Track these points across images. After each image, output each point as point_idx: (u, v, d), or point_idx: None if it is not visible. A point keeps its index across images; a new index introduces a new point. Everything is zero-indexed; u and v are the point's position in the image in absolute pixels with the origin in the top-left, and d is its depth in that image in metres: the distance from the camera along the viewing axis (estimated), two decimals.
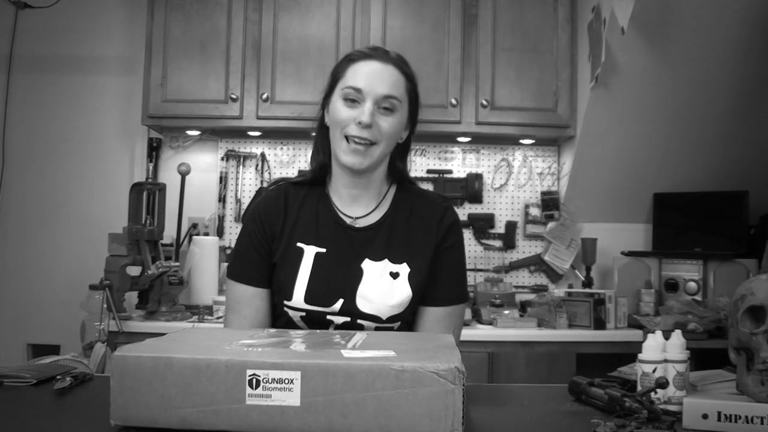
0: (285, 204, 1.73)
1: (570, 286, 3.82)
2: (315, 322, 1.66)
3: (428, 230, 1.72)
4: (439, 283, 1.72)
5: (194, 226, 3.86)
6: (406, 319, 1.69)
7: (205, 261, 3.54)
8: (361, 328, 1.65)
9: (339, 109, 1.65)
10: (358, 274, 1.67)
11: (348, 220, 1.72)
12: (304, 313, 1.66)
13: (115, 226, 3.35)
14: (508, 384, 2.83)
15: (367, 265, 1.67)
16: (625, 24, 2.95)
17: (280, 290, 1.68)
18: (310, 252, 1.68)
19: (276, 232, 1.71)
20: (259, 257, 1.71)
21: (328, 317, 1.65)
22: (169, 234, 3.52)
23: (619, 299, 3.39)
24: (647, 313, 3.51)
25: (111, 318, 3.04)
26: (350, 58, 1.70)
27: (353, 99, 1.63)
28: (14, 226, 3.94)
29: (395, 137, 1.69)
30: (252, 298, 1.71)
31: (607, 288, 3.67)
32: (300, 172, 3.89)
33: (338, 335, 1.36)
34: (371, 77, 1.63)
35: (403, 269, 1.68)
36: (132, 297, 3.31)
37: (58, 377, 1.43)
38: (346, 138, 1.63)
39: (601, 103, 3.44)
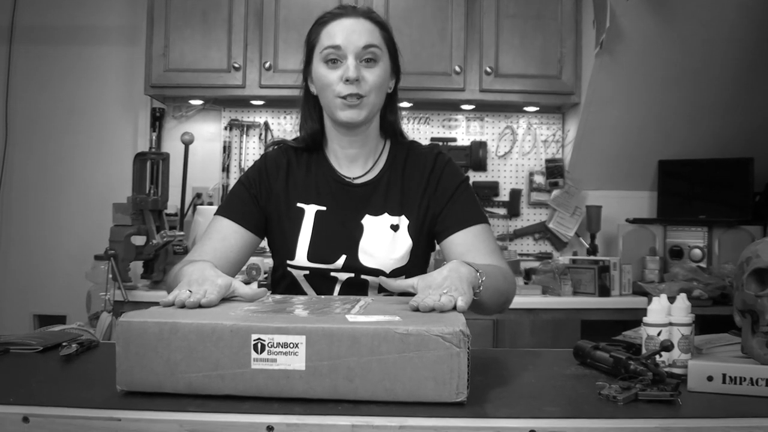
0: (287, 162, 1.75)
1: (575, 254, 3.81)
2: (319, 280, 1.68)
3: (421, 181, 1.73)
4: (451, 212, 1.71)
5: (198, 195, 3.87)
6: (410, 273, 1.62)
7: None
8: (365, 284, 1.66)
9: (323, 73, 1.65)
10: (359, 230, 1.69)
11: (347, 179, 1.74)
12: (307, 272, 1.67)
13: (119, 196, 3.35)
14: (513, 348, 2.85)
15: (367, 220, 1.70)
16: None
17: (282, 250, 1.70)
18: (310, 211, 1.70)
19: (275, 189, 1.73)
20: (250, 199, 1.72)
21: (332, 274, 1.67)
22: (173, 204, 3.53)
23: (623, 266, 3.40)
24: (652, 280, 3.52)
25: (116, 288, 3.05)
26: (321, 21, 1.70)
27: (334, 59, 1.63)
28: (19, 198, 3.94)
29: (383, 87, 1.69)
30: (230, 232, 1.68)
31: (611, 255, 3.67)
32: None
33: (339, 301, 1.36)
34: (347, 32, 1.64)
35: (402, 221, 1.69)
36: (137, 267, 3.32)
37: (64, 344, 1.43)
38: (338, 98, 1.64)
39: (606, 70, 3.41)
